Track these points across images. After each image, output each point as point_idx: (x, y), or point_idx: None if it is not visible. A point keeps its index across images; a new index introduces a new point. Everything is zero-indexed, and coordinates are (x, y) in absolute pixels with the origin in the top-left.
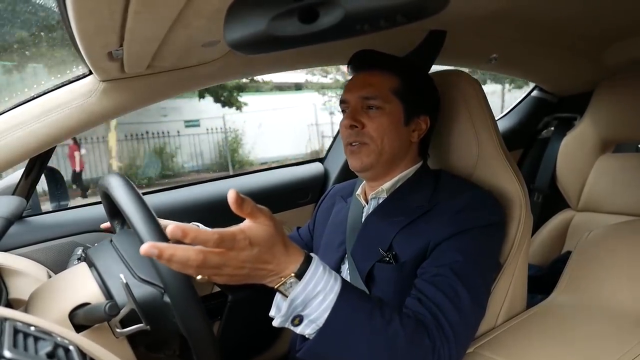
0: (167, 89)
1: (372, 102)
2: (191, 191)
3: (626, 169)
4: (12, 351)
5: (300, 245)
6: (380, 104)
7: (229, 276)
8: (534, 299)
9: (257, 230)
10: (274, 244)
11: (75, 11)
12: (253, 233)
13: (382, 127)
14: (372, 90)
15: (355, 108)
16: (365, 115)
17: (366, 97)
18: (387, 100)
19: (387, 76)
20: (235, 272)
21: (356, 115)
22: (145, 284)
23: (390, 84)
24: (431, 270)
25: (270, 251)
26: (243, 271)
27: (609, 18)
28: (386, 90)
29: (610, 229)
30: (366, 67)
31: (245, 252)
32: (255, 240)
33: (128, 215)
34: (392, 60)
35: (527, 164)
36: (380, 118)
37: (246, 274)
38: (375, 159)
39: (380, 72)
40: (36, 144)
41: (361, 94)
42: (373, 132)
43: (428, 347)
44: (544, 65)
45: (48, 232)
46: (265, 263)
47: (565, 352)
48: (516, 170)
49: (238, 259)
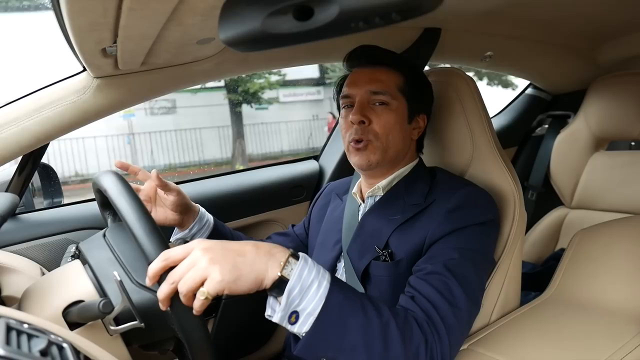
0: (161, 86)
1: (380, 98)
2: (187, 188)
3: (619, 167)
4: (6, 348)
5: (295, 243)
6: (388, 99)
7: (221, 273)
8: (527, 296)
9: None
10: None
11: (69, 8)
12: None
13: (388, 123)
14: (381, 85)
15: (362, 103)
16: (372, 111)
17: (375, 92)
18: (394, 96)
19: (393, 73)
20: (225, 267)
21: (364, 111)
22: (143, 289)
23: (396, 80)
24: (426, 268)
25: (257, 244)
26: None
27: (603, 16)
28: (393, 87)
29: (603, 227)
30: (372, 62)
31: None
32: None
33: (123, 215)
34: (396, 57)
35: (521, 162)
36: (387, 114)
37: (240, 266)
38: (381, 156)
39: (386, 69)
40: (30, 140)
41: (370, 88)
42: (379, 128)
43: (420, 341)
44: (538, 63)
45: (41, 229)
46: (260, 248)
47: (559, 348)
48: (510, 167)
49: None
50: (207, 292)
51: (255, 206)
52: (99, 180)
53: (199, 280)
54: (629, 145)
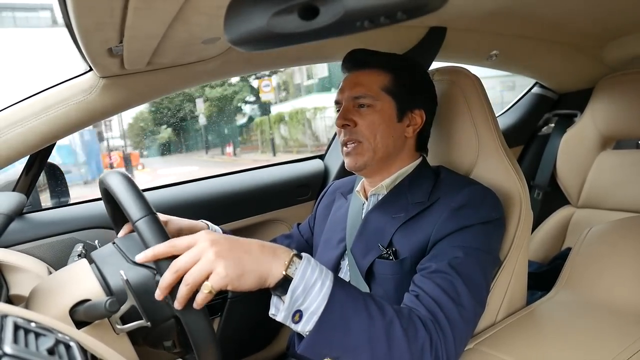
0: (167, 86)
1: (362, 101)
2: (192, 187)
3: (626, 166)
4: (13, 347)
5: (300, 242)
6: (370, 102)
7: (227, 268)
8: (534, 295)
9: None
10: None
11: (75, 8)
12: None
13: (373, 124)
14: (362, 89)
15: (346, 108)
16: (357, 114)
17: (356, 97)
18: (377, 97)
19: (377, 74)
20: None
21: (347, 115)
22: (138, 266)
23: (380, 81)
24: (430, 266)
25: (262, 243)
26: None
27: (610, 14)
28: (376, 88)
29: (610, 226)
30: (357, 66)
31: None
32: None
33: (126, 208)
34: (381, 57)
35: (527, 161)
36: (371, 115)
37: (245, 263)
38: (369, 157)
39: (369, 71)
40: (36, 140)
41: (351, 94)
42: (365, 129)
43: (425, 340)
44: (544, 62)
45: (48, 228)
46: (265, 246)
47: (565, 348)
48: (516, 166)
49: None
50: (211, 286)
51: (260, 205)
52: (105, 179)
53: (204, 273)
54: (635, 144)
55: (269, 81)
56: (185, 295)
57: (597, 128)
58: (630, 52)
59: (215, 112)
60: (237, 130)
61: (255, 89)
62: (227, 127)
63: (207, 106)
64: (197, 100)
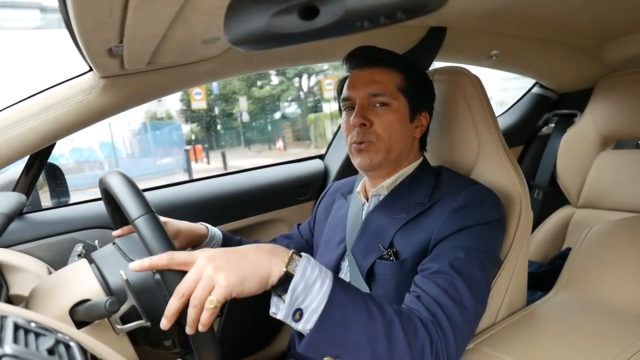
0: (167, 86)
1: (380, 99)
2: (192, 187)
3: (626, 166)
4: (13, 347)
5: (300, 242)
6: (388, 100)
7: (227, 275)
8: (534, 295)
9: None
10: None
11: (75, 8)
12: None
13: (390, 124)
14: (380, 86)
15: (362, 106)
16: (373, 113)
17: (374, 94)
18: (394, 97)
19: (392, 73)
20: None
21: (364, 113)
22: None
23: (395, 80)
24: (431, 267)
25: (258, 246)
26: (239, 264)
27: (610, 14)
28: (392, 87)
29: (610, 226)
30: (369, 63)
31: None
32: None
33: (125, 207)
34: (395, 56)
35: (527, 161)
36: (388, 115)
37: (244, 266)
38: (383, 157)
39: (384, 69)
40: (36, 140)
41: (369, 91)
42: (381, 129)
43: (425, 340)
44: (544, 62)
45: (48, 228)
46: (262, 248)
47: (565, 348)
48: (516, 166)
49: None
50: (215, 300)
51: (261, 206)
52: (105, 179)
53: (208, 290)
54: (636, 144)
55: (332, 79)
56: (195, 318)
57: (597, 128)
58: (630, 52)
59: (257, 110)
60: (282, 126)
61: (299, 87)
62: (272, 124)
63: (249, 104)
64: (241, 98)
